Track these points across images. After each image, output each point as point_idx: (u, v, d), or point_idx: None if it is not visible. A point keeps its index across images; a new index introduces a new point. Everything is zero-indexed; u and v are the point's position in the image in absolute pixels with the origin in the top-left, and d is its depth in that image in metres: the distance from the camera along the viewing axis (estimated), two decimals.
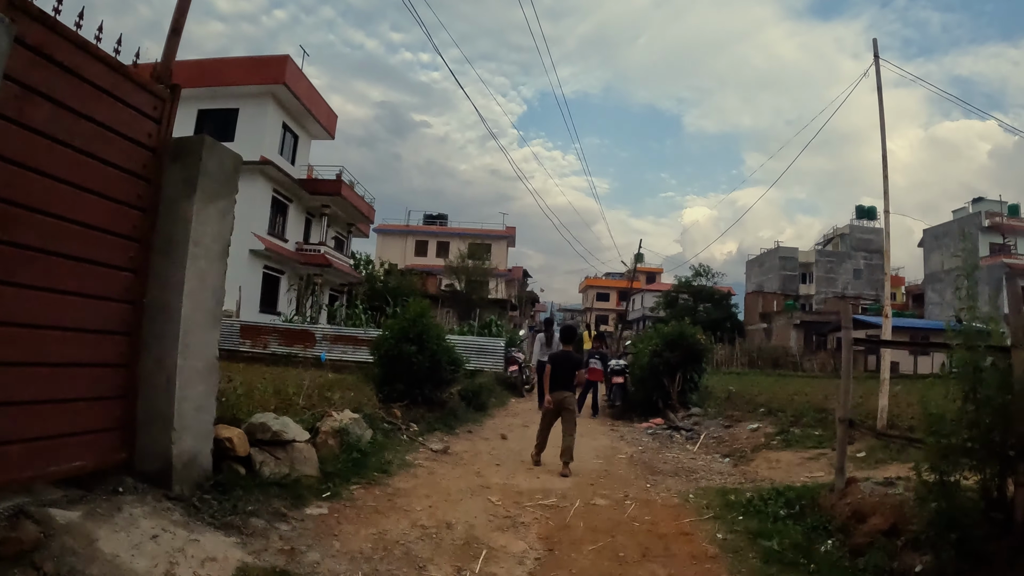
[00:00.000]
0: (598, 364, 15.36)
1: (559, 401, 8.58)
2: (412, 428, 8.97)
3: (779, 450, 9.32)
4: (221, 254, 5.49)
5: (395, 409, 9.27)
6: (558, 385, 8.65)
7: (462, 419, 11.15)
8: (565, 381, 8.66)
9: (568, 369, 8.71)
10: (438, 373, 10.23)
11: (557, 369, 8.69)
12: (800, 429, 10.33)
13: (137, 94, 5.12)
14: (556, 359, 8.90)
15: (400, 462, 7.33)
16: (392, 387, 9.82)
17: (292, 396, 11.41)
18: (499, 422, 12.27)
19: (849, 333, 6.60)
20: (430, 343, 10.02)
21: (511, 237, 66.20)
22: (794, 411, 12.39)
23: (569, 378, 8.69)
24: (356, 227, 41.80)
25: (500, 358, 18.82)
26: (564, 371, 8.68)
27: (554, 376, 8.67)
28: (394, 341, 9.98)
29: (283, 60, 31.51)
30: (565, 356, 8.90)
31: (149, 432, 5.05)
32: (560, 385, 8.64)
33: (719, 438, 11.01)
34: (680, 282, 65.74)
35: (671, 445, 10.86)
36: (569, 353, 9.01)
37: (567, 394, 8.64)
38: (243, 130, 31.23)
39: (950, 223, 53.75)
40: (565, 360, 8.80)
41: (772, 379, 30.56)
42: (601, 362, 15.54)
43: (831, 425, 10.60)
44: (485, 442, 9.85)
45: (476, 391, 13.08)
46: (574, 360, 8.96)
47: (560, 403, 8.57)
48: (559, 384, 8.65)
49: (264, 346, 22.38)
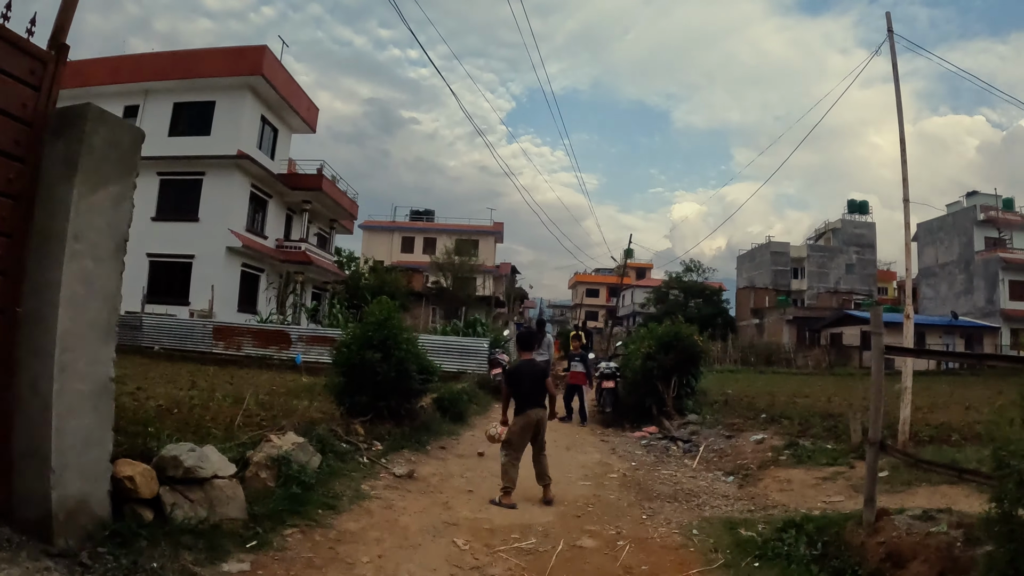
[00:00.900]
0: (580, 367, 14.38)
1: (530, 424, 7.17)
2: (375, 447, 7.91)
3: (789, 467, 8.31)
4: (115, 251, 4.47)
5: (356, 425, 8.23)
6: (527, 403, 7.18)
7: (436, 432, 10.08)
8: (534, 397, 7.23)
9: (534, 381, 7.26)
10: (406, 383, 9.06)
11: (520, 384, 7.25)
12: (810, 442, 9.33)
13: (8, 54, 4.05)
14: (516, 373, 7.42)
15: (353, 494, 6.23)
16: (354, 400, 8.74)
17: (251, 407, 10.49)
18: (478, 434, 10.99)
19: (880, 340, 5.59)
20: (397, 349, 8.92)
21: (499, 233, 65.11)
22: (799, 418, 11.47)
23: (538, 392, 7.27)
24: (339, 223, 40.59)
25: (484, 360, 17.82)
26: (529, 385, 7.23)
27: (518, 393, 7.24)
28: (356, 348, 8.87)
29: (261, 51, 30.32)
30: (527, 367, 7.39)
31: (25, 472, 4.07)
32: (529, 402, 7.19)
33: (720, 451, 9.97)
34: (671, 278, 64.85)
35: (667, 459, 9.85)
36: (531, 362, 7.52)
37: (540, 413, 7.25)
38: (220, 124, 30.19)
39: (944, 217, 52.95)
40: (528, 372, 7.31)
41: (767, 377, 29.79)
42: (583, 364, 14.54)
43: (843, 435, 9.67)
44: (459, 461, 8.78)
45: (454, 399, 12.00)
46: (539, 370, 7.46)
47: (533, 425, 7.19)
48: (528, 401, 7.19)
49: (238, 348, 21.37)
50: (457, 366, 18.40)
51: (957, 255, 50.71)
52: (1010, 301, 46.02)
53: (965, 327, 45.06)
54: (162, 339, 22.10)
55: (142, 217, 29.48)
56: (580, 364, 14.45)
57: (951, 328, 44.68)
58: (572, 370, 14.52)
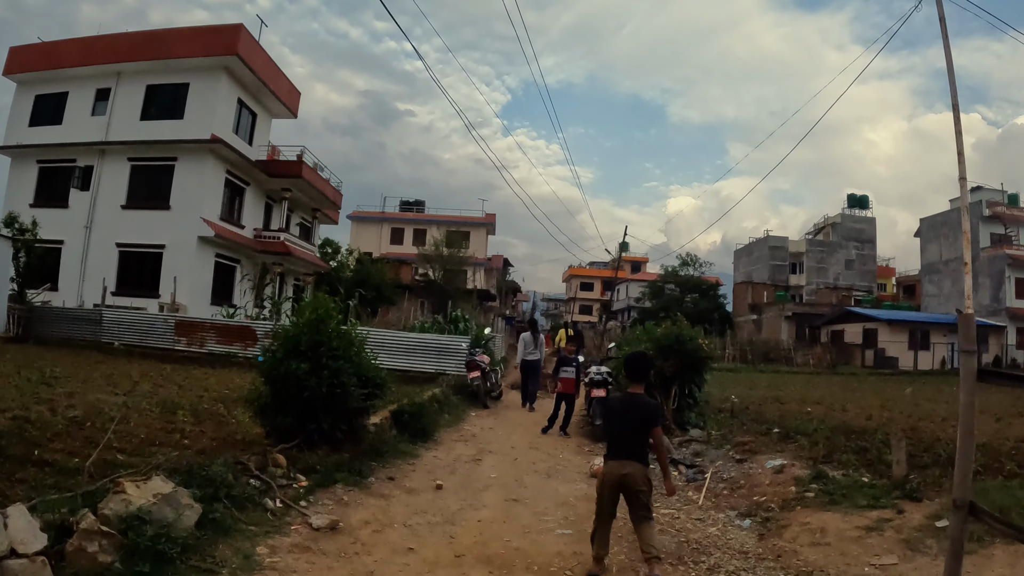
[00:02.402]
0: (571, 372, 12.83)
1: (613, 480, 5.20)
2: (297, 484, 6.26)
3: (820, 509, 6.67)
4: None
5: (276, 454, 6.57)
6: (616, 450, 5.30)
7: (387, 456, 8.34)
8: (626, 445, 5.24)
9: (630, 423, 5.23)
10: (342, 400, 7.28)
11: (610, 422, 5.57)
12: (840, 472, 7.71)
13: None
14: (615, 409, 5.56)
15: (239, 563, 4.50)
16: (276, 421, 7.12)
17: (180, 418, 8.98)
18: (443, 455, 9.46)
19: (972, 362, 4.02)
20: (331, 358, 7.25)
21: (491, 224, 63.46)
22: (818, 434, 9.90)
23: (634, 440, 5.23)
24: (322, 213, 38.86)
25: (463, 361, 16.20)
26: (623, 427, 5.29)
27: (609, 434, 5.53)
28: (281, 356, 7.19)
29: (236, 29, 28.61)
30: (626, 403, 5.42)
31: None
32: (619, 450, 5.28)
33: (731, 482, 8.26)
34: (666, 271, 63.38)
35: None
36: (636, 398, 5.36)
37: (630, 468, 5.17)
38: (193, 106, 28.71)
39: (948, 212, 51.62)
40: (624, 409, 5.37)
41: (768, 377, 28.27)
42: (575, 369, 12.96)
43: (876, 462, 8.12)
44: (407, 499, 6.96)
45: (416, 412, 10.21)
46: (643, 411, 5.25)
47: (621, 482, 5.17)
48: (617, 449, 5.29)
49: (201, 344, 19.73)
50: (434, 367, 16.83)
51: (961, 251, 49.15)
52: (1016, 299, 44.81)
53: None
54: (123, 335, 20.50)
55: (112, 205, 28.03)
56: (572, 369, 12.87)
57: (956, 326, 43.10)
58: (562, 376, 12.85)
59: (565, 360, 13.13)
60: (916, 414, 13.80)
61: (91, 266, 27.32)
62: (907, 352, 41.43)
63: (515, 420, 13.84)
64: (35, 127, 30.08)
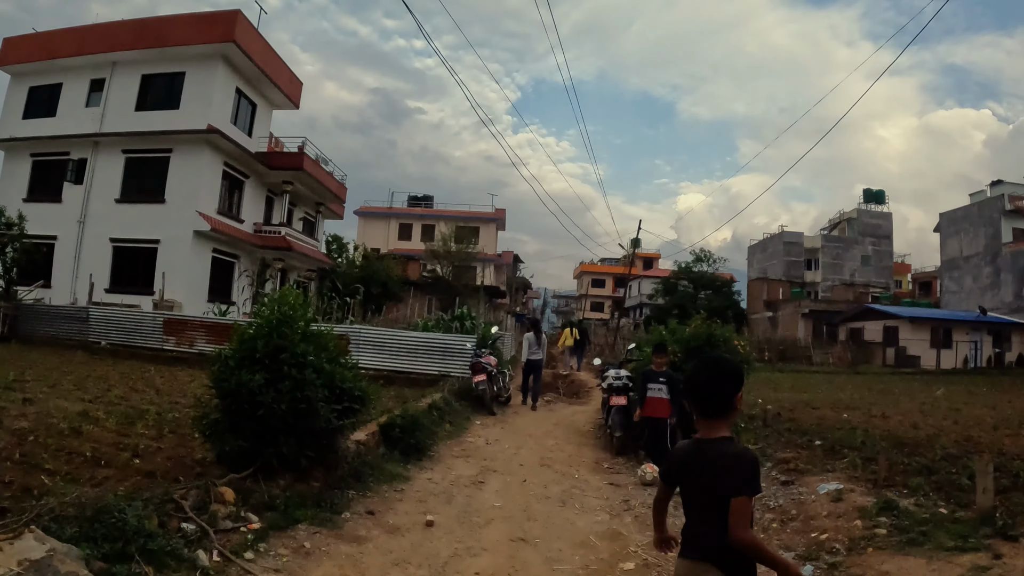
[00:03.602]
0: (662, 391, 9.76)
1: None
2: (248, 526, 5.00)
3: (897, 551, 5.38)
4: None
5: (223, 488, 5.27)
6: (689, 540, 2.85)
7: (369, 482, 7.05)
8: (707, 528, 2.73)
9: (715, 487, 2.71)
10: (309, 418, 5.97)
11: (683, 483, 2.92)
12: (912, 502, 6.45)
13: None
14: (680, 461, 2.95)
15: None
16: (225, 446, 5.83)
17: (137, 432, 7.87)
18: (439, 476, 8.16)
19: None
20: (294, 367, 5.92)
21: (500, 220, 62.18)
22: (867, 447, 8.69)
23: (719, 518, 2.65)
24: (326, 207, 37.70)
25: (468, 362, 15.01)
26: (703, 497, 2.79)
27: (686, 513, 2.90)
28: (234, 365, 5.90)
29: (233, 16, 27.43)
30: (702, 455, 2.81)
31: None
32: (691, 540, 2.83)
33: (781, 511, 6.84)
34: (680, 268, 62.01)
35: None
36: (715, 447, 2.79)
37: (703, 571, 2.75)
38: (189, 96, 27.67)
39: (969, 207, 50.25)
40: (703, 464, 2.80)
41: (789, 377, 26.93)
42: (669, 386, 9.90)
43: (948, 485, 6.88)
44: (389, 541, 5.58)
45: (410, 424, 8.88)
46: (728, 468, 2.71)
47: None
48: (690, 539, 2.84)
49: (191, 344, 18.66)
50: (438, 368, 15.72)
51: (983, 247, 47.82)
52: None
53: (993, 323, 42.21)
54: (110, 334, 19.56)
55: (106, 199, 27.00)
56: (662, 387, 9.73)
57: (978, 324, 41.86)
58: (650, 395, 9.75)
59: (652, 375, 9.91)
60: (961, 420, 12.57)
61: (85, 262, 26.30)
62: (929, 350, 40.04)
63: (524, 429, 12.48)
64: (29, 119, 29.21)
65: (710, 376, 2.88)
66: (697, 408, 2.90)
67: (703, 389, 2.86)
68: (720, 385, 2.84)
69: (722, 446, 2.79)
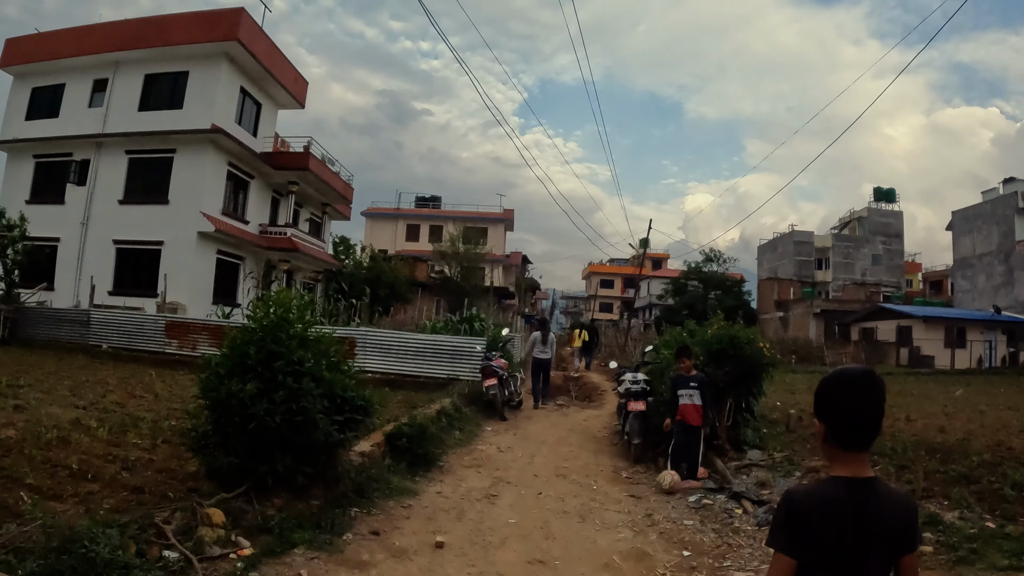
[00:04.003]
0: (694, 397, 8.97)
1: None
2: (239, 552, 4.51)
3: (947, 571, 4.89)
4: None
5: (211, 509, 4.78)
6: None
7: (374, 498, 6.54)
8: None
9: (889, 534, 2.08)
10: (306, 431, 5.44)
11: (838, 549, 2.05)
12: (956, 515, 5.97)
13: None
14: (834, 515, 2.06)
15: None
16: (215, 462, 5.34)
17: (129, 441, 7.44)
18: (449, 489, 7.63)
19: None
20: (293, 375, 5.39)
21: (509, 220, 61.80)
22: (897, 452, 8.26)
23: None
24: (332, 208, 37.34)
25: (477, 365, 14.55)
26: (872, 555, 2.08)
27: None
28: (224, 374, 5.39)
29: (237, 14, 27.03)
30: (869, 506, 2.07)
31: None
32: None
33: None
34: (690, 268, 61.46)
35: (736, 539, 6.28)
36: (879, 492, 2.12)
37: None
38: (193, 96, 27.29)
39: (981, 205, 49.59)
40: (872, 520, 2.06)
41: (804, 378, 26.34)
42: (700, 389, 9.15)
43: (988, 493, 6.43)
44: (395, 566, 5.04)
45: (417, 434, 8.34)
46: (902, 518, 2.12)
47: None
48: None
49: (193, 347, 18.24)
50: (447, 372, 15.26)
51: (996, 245, 47.15)
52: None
53: (1008, 322, 41.58)
54: (111, 337, 19.18)
55: (109, 201, 26.66)
56: (694, 392, 8.95)
57: (992, 323, 41.26)
58: (683, 402, 8.96)
59: (681, 380, 9.14)
60: (987, 423, 12.11)
61: (88, 264, 25.98)
62: (943, 350, 39.47)
63: (537, 435, 11.94)
64: (32, 120, 28.92)
65: (880, 393, 2.16)
66: (852, 437, 2.15)
67: (872, 410, 2.15)
68: (883, 405, 2.17)
69: (883, 488, 2.15)
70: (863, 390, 2.15)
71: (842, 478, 2.11)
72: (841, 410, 2.15)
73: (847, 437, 2.13)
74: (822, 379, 2.23)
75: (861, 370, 2.19)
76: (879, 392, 2.15)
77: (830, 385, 2.21)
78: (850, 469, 2.11)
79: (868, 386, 2.15)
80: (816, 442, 1.91)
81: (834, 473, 2.14)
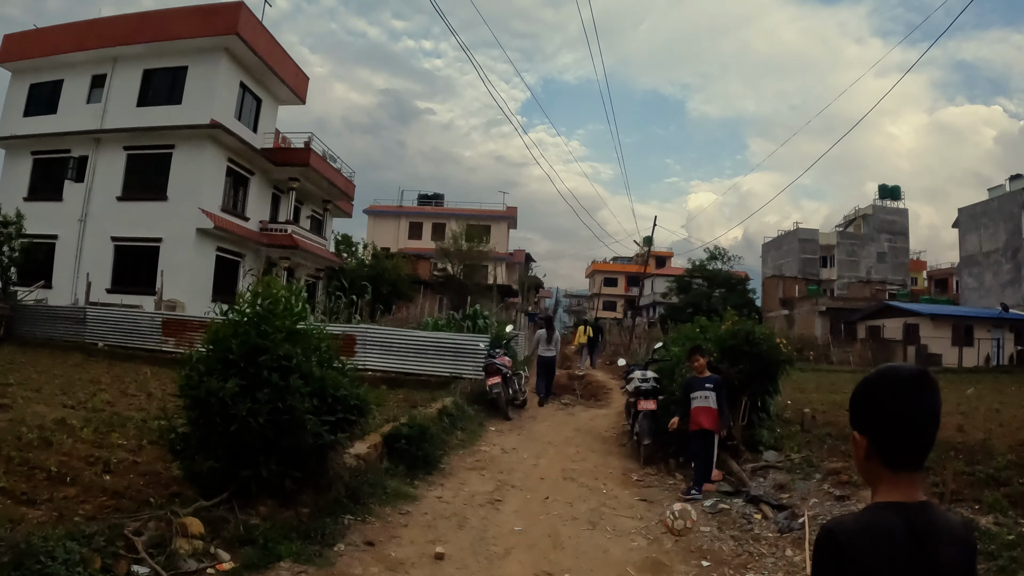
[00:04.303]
0: (710, 400, 8.35)
1: None
2: (218, 566, 4.12)
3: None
4: None
5: (187, 519, 4.36)
6: None
7: (370, 503, 6.15)
8: None
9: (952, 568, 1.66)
10: (293, 432, 5.03)
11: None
12: (991, 519, 5.58)
13: None
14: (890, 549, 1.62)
15: None
16: (194, 467, 4.94)
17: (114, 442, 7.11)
18: (450, 494, 7.25)
19: None
20: (279, 372, 4.96)
21: (512, 218, 61.31)
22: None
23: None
24: (334, 204, 36.96)
25: (481, 363, 14.17)
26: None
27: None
28: (203, 370, 4.97)
29: (236, 7, 26.60)
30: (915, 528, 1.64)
31: None
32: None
33: None
34: (694, 266, 61.08)
35: (754, 545, 5.91)
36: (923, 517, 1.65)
37: None
38: (192, 91, 26.91)
39: (988, 202, 49.14)
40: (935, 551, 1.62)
41: (812, 376, 26.00)
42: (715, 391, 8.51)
43: (1018, 495, 6.07)
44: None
45: (417, 434, 7.93)
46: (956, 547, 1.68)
47: None
48: None
49: (190, 345, 17.87)
50: (450, 370, 14.88)
51: (1003, 242, 46.68)
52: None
53: (1015, 320, 41.14)
54: (107, 335, 18.85)
55: (107, 197, 26.31)
56: (710, 394, 8.35)
57: (1000, 321, 40.85)
58: (696, 405, 8.38)
59: (695, 382, 8.58)
60: (1005, 422, 11.70)
61: (86, 262, 25.60)
62: (951, 348, 39.05)
63: (543, 435, 11.55)
64: (30, 117, 28.59)
65: (937, 399, 1.72)
66: (905, 454, 1.70)
67: (929, 420, 1.70)
68: (939, 413, 1.73)
69: (941, 516, 1.74)
70: (918, 394, 1.69)
71: (891, 504, 1.67)
72: (891, 419, 1.69)
73: (899, 453, 1.69)
74: (863, 380, 1.76)
75: (914, 370, 1.73)
76: (936, 397, 1.71)
77: (876, 388, 1.75)
78: (902, 492, 1.68)
79: (924, 388, 1.70)
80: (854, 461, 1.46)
81: (879, 499, 1.71)
